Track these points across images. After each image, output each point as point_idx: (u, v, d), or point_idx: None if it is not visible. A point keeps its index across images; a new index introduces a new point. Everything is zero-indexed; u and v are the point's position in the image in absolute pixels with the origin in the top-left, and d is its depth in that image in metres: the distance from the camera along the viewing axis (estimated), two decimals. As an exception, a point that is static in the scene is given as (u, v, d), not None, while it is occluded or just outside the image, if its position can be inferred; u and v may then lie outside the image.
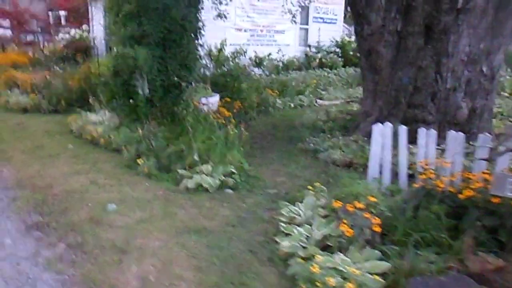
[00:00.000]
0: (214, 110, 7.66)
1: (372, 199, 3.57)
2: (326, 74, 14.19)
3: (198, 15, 8.16)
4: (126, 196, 4.73)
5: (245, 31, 14.30)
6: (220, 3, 9.75)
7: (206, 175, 5.14)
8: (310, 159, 6.31)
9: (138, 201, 4.62)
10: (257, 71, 13.23)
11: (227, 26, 13.14)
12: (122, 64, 7.06)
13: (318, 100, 10.70)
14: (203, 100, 7.58)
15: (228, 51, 12.45)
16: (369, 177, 4.74)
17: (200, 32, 8.24)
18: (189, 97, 7.50)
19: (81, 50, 13.99)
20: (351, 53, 16.43)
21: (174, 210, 4.46)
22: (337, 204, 3.52)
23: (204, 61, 9.25)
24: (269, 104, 9.29)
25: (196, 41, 8.24)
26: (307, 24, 16.47)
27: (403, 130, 4.66)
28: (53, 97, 8.88)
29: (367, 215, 3.41)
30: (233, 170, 5.31)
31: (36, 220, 4.24)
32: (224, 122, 6.73)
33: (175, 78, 7.73)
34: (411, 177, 4.67)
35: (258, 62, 13.42)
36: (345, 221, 3.50)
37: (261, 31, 14.87)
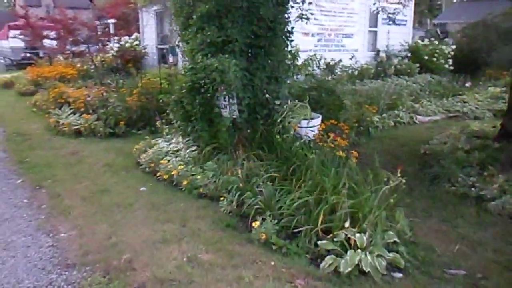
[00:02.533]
0: (316, 135, 5.86)
1: None
2: (405, 82, 12.20)
3: (287, 16, 6.46)
4: (252, 291, 2.96)
5: (312, 35, 12.47)
6: (303, 2, 7.94)
7: (360, 248, 3.32)
8: (475, 210, 4.40)
9: (274, 304, 2.84)
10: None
11: (294, 31, 11.35)
12: (204, 79, 5.37)
13: (417, 116, 8.74)
14: (304, 123, 5.79)
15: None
16: None
17: (290, 37, 6.52)
18: (287, 120, 5.72)
19: (132, 60, 12.51)
20: (426, 57, 14.37)
21: (337, 323, 2.66)
22: None
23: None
24: (367, 123, 7.41)
25: (286, 48, 6.53)
26: (375, 26, 14.51)
27: None
28: (110, 117, 7.29)
29: None
30: (396, 239, 3.48)
31: None
32: (342, 154, 4.92)
33: (266, 95, 6.01)
34: None
35: (329, 71, 11.55)
36: None
37: (329, 35, 13.01)
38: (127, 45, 12.92)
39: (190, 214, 4.22)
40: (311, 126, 5.83)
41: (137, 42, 13.46)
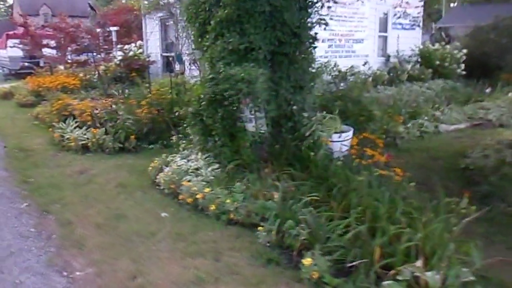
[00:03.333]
0: (348, 150, 5.37)
1: None
2: (419, 89, 11.75)
3: (310, 21, 6.01)
4: None
5: (323, 41, 11.97)
6: (322, 6, 7.46)
7: (434, 291, 2.80)
8: (541, 235, 3.90)
9: None
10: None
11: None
12: (228, 90, 4.87)
13: (441, 125, 8.25)
14: (335, 137, 5.29)
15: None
16: None
17: (314, 43, 6.07)
18: (316, 133, 5.21)
19: (136, 69, 12.00)
20: (437, 62, 13.93)
21: None
22: None
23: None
24: (394, 134, 6.92)
25: (310, 55, 6.09)
26: (385, 31, 14.06)
27: None
28: (120, 131, 6.75)
29: None
30: (473, 278, 2.97)
31: None
32: (385, 172, 4.42)
33: (293, 106, 5.53)
34: None
35: (342, 77, 11.06)
36: None
37: (340, 41, 12.55)
38: (131, 53, 12.41)
39: (223, 245, 3.70)
40: (343, 140, 5.33)
41: (141, 50, 12.96)
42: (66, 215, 4.47)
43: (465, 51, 14.13)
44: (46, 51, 14.41)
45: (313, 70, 6.21)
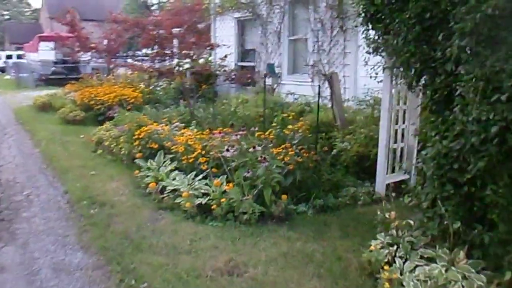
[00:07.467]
0: None
1: None
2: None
3: None
4: None
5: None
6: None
7: None
8: None
9: None
10: None
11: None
12: None
13: None
14: None
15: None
16: None
17: None
18: None
19: (208, 80, 9.45)
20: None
21: None
22: None
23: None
24: None
25: None
26: None
27: None
28: (264, 187, 4.10)
29: None
30: None
31: None
32: None
33: None
34: None
35: None
36: None
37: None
38: (201, 61, 9.83)
39: None
40: None
41: (211, 58, 10.42)
42: None
43: None
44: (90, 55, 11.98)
45: None
